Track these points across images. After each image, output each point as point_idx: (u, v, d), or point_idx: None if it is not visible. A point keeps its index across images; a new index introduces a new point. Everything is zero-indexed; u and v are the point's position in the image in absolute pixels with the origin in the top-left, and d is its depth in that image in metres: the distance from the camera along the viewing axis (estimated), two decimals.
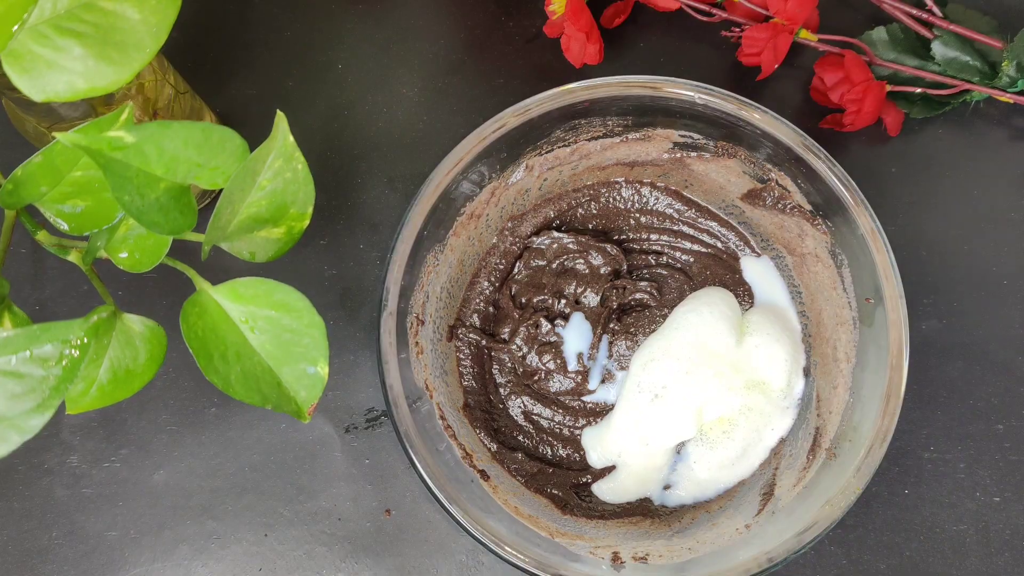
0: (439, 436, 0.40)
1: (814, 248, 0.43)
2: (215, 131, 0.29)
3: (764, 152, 0.41)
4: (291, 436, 0.46)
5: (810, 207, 0.41)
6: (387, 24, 0.51)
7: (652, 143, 0.43)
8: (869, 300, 0.39)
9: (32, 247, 0.46)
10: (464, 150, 0.40)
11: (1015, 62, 0.46)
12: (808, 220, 0.42)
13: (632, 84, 0.40)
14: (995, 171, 0.49)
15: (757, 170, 0.42)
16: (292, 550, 0.45)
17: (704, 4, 0.48)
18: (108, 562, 0.44)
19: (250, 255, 0.33)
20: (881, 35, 0.49)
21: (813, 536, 0.36)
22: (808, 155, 0.39)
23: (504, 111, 0.40)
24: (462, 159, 0.40)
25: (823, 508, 0.36)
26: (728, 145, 0.42)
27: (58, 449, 0.45)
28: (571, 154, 0.44)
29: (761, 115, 0.39)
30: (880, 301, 0.38)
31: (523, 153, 0.42)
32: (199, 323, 0.32)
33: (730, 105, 0.39)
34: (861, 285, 0.40)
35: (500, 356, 0.45)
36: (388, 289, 0.39)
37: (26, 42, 0.28)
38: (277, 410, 0.32)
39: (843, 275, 0.41)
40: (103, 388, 0.33)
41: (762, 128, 0.39)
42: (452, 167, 0.40)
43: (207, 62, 0.50)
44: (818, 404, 0.42)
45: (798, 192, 0.41)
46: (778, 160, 0.41)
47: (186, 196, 0.30)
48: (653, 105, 0.41)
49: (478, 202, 0.43)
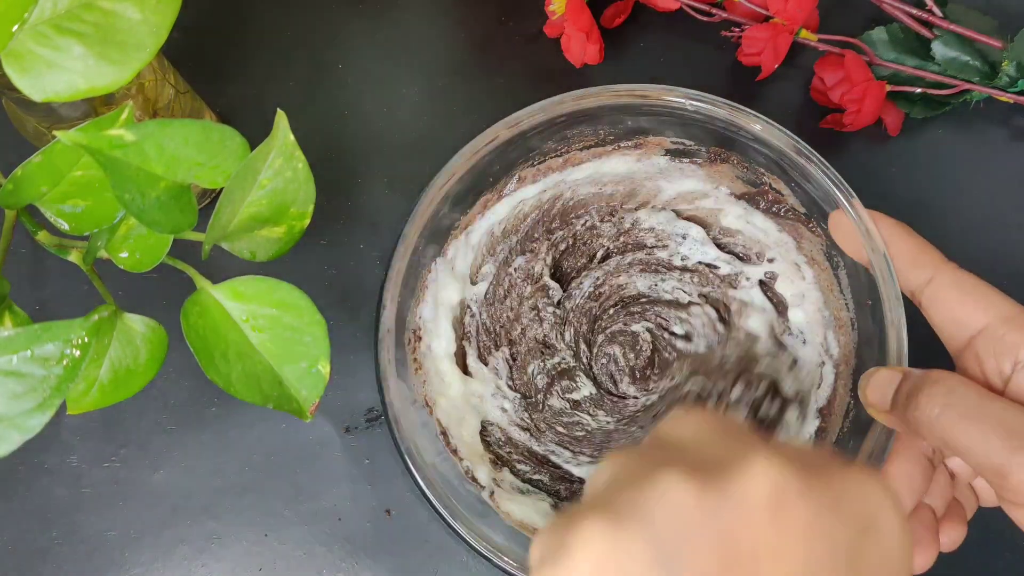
0: (441, 452, 0.40)
1: (810, 251, 0.43)
2: (215, 130, 0.29)
3: (757, 157, 0.41)
4: (291, 436, 0.46)
5: (804, 210, 0.41)
6: (387, 24, 0.51)
7: (644, 150, 0.43)
8: (868, 303, 0.38)
9: (32, 247, 0.46)
10: (456, 163, 0.40)
11: (1015, 62, 0.47)
12: (803, 223, 0.42)
13: (622, 93, 0.40)
14: (995, 171, 0.49)
15: (750, 175, 0.42)
16: (292, 550, 0.44)
17: (704, 4, 0.48)
18: (108, 562, 0.44)
19: (251, 254, 0.33)
20: (881, 35, 0.49)
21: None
22: (800, 158, 0.39)
23: (495, 124, 0.40)
24: (455, 173, 0.40)
25: None
26: (720, 150, 0.42)
27: (58, 449, 0.45)
28: (563, 164, 0.44)
29: (753, 120, 0.39)
30: (877, 302, 0.38)
31: (515, 164, 0.42)
32: (200, 322, 0.32)
33: (721, 111, 0.39)
34: (858, 287, 0.40)
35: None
36: (385, 307, 0.39)
37: (26, 42, 0.28)
38: (278, 409, 0.32)
39: (839, 277, 0.41)
40: (104, 388, 0.33)
41: (753, 132, 0.39)
42: (446, 182, 0.40)
43: (207, 62, 0.50)
44: (822, 406, 0.42)
45: (792, 195, 0.41)
46: (771, 164, 0.41)
47: (186, 195, 0.30)
48: (644, 113, 0.41)
49: (471, 215, 0.43)
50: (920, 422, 0.31)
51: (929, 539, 0.34)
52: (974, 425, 0.29)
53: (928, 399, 0.30)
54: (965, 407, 0.29)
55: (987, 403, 0.29)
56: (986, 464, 0.29)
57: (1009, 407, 0.29)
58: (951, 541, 0.34)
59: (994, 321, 0.32)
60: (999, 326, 0.31)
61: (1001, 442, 0.28)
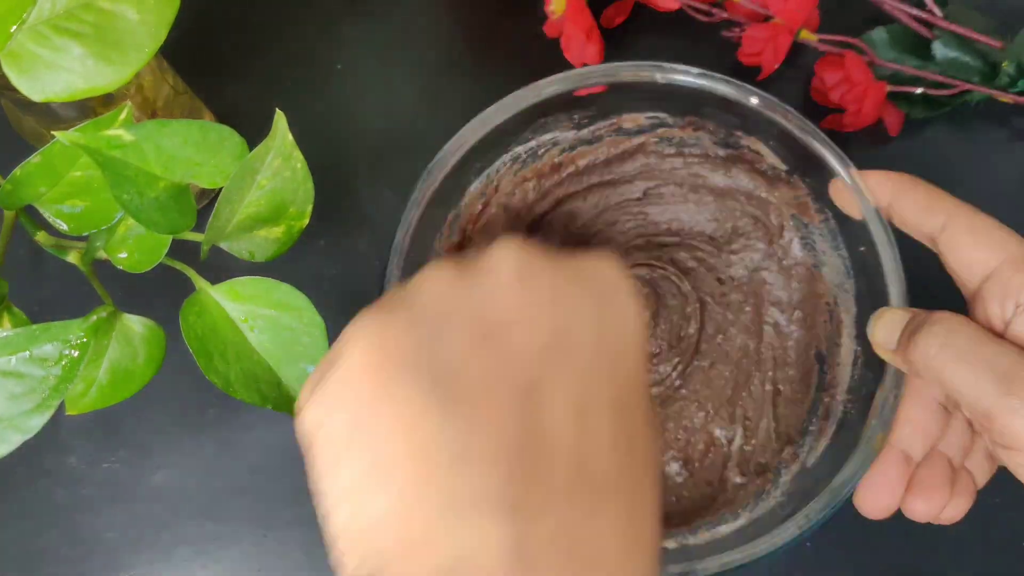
0: None
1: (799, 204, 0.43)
2: (214, 129, 0.29)
3: (732, 121, 0.41)
4: (291, 436, 0.45)
5: (785, 167, 0.41)
6: (387, 24, 0.51)
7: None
8: (862, 248, 0.38)
9: (31, 247, 0.46)
10: (426, 185, 0.39)
11: (1015, 62, 0.46)
12: (784, 181, 0.42)
13: (586, 76, 0.40)
14: (995, 171, 0.49)
15: (728, 139, 0.42)
16: (292, 551, 0.44)
17: (704, 4, 0.48)
18: (107, 563, 0.44)
19: (249, 255, 0.33)
20: (881, 35, 0.48)
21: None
22: (776, 115, 0.38)
23: (464, 127, 0.39)
24: (431, 185, 0.39)
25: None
26: (696, 119, 0.42)
27: (57, 450, 0.45)
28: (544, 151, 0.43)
29: (719, 83, 0.39)
30: (871, 246, 0.37)
31: (493, 162, 0.42)
32: (199, 323, 0.32)
33: (689, 78, 0.39)
34: (849, 235, 0.40)
35: None
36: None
37: (25, 42, 0.28)
38: (277, 409, 0.32)
39: (829, 227, 0.41)
40: (102, 388, 0.33)
41: (724, 95, 0.39)
42: (424, 196, 0.39)
43: (206, 62, 0.50)
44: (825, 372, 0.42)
45: (771, 155, 0.41)
46: (747, 127, 0.40)
47: (185, 195, 0.30)
48: (615, 92, 0.40)
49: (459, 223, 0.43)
50: (918, 362, 0.31)
51: (942, 487, 0.33)
52: (966, 367, 0.29)
53: (926, 339, 0.30)
54: (960, 348, 0.29)
55: (982, 346, 0.29)
56: (975, 406, 0.29)
57: (1004, 351, 0.29)
58: (955, 512, 0.33)
59: (1003, 263, 0.31)
60: (1006, 268, 0.31)
61: (991, 385, 0.28)
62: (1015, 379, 0.28)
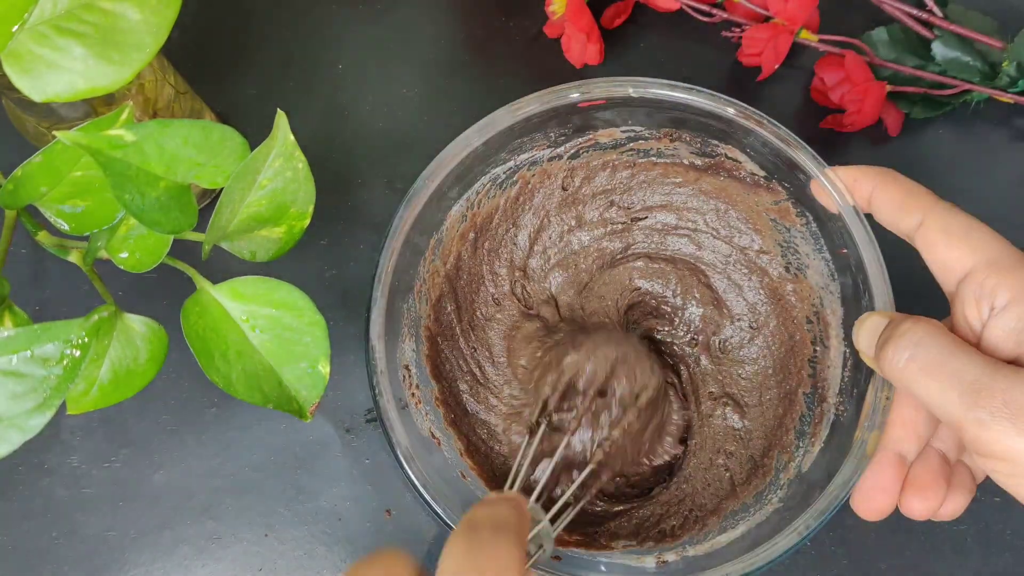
0: (455, 481, 0.40)
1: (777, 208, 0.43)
2: (215, 130, 0.29)
3: (708, 130, 0.41)
4: (291, 436, 0.46)
5: (764, 173, 0.41)
6: (387, 24, 0.51)
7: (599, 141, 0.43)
8: (843, 251, 0.38)
9: (32, 247, 0.46)
10: (406, 212, 0.39)
11: (1015, 62, 0.47)
12: (764, 187, 0.42)
13: (559, 93, 0.39)
14: (995, 171, 0.49)
15: (705, 148, 0.42)
16: (292, 550, 0.44)
17: (704, 4, 0.48)
18: (108, 562, 0.44)
19: (251, 255, 0.33)
20: (881, 35, 0.49)
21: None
22: (749, 123, 0.38)
23: (441, 152, 0.39)
24: (411, 213, 0.39)
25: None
26: (671, 131, 0.42)
27: (58, 449, 0.45)
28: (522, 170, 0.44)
29: (692, 94, 0.39)
30: (853, 247, 0.37)
31: (472, 185, 0.42)
32: (200, 322, 0.32)
33: (663, 91, 0.39)
34: (830, 237, 0.39)
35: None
36: (374, 347, 0.37)
37: (26, 42, 0.28)
38: (278, 409, 0.32)
39: (811, 230, 0.41)
40: (104, 388, 0.33)
41: (696, 106, 0.39)
42: (408, 217, 0.39)
43: (207, 62, 0.50)
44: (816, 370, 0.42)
45: (749, 161, 0.41)
46: (723, 135, 0.40)
47: (186, 195, 0.30)
48: (588, 109, 0.40)
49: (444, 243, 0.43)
50: (888, 373, 0.31)
51: (937, 484, 0.33)
52: (933, 380, 0.29)
53: (895, 350, 0.30)
54: (927, 360, 0.29)
55: (949, 357, 0.29)
56: (945, 419, 0.29)
57: (971, 361, 0.29)
58: (954, 508, 0.33)
59: (978, 265, 0.31)
60: (981, 270, 0.31)
61: (958, 397, 0.28)
62: (982, 390, 0.28)
